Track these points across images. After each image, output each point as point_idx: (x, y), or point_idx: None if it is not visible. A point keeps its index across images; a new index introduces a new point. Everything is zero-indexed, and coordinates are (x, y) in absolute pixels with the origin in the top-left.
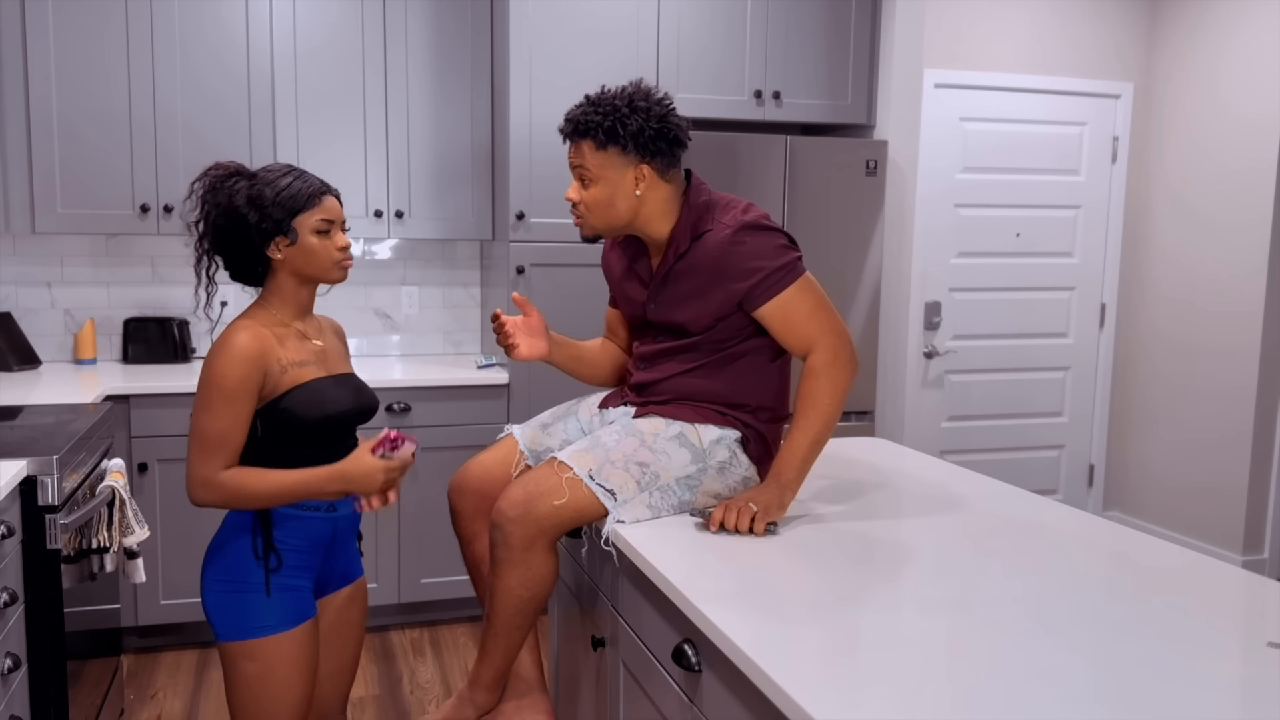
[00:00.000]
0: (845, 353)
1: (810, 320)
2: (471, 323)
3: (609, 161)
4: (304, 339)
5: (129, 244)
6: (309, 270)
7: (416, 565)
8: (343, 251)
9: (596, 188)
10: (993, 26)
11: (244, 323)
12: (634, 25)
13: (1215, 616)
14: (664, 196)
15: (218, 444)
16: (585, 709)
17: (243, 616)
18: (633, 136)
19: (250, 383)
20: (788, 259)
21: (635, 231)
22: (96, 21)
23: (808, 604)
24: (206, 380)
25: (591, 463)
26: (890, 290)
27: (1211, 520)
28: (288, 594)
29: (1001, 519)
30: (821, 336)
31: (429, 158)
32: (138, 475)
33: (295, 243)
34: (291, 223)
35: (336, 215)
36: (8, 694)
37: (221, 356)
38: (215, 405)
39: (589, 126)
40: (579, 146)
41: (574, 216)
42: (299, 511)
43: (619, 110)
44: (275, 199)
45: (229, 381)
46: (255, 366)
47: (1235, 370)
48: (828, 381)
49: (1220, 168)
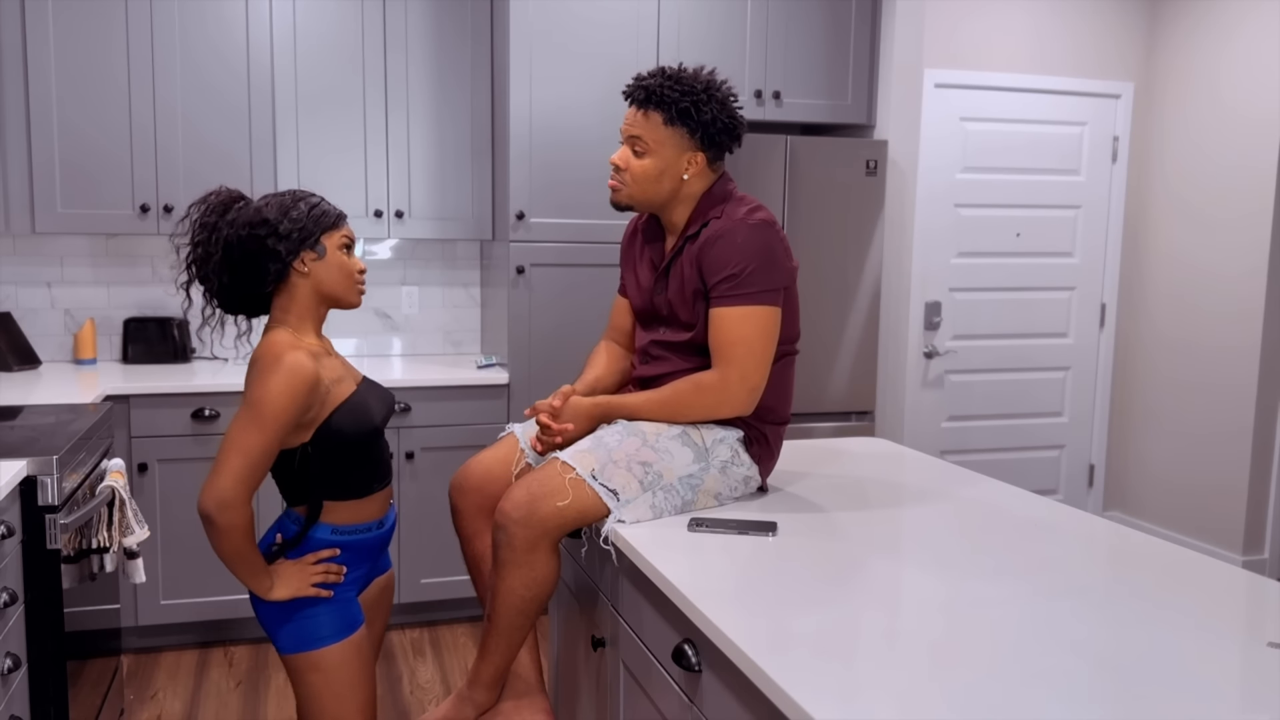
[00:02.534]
0: (734, 396)
1: (733, 347)
2: (471, 323)
3: (671, 139)
4: (329, 354)
5: (129, 244)
6: (330, 288)
7: (416, 565)
8: (361, 274)
9: (649, 160)
10: (993, 26)
11: (289, 339)
12: (634, 25)
13: (1215, 616)
14: (703, 186)
15: (257, 466)
16: (585, 709)
17: (308, 630)
18: (704, 124)
19: (300, 407)
20: (763, 281)
21: (662, 213)
22: (97, 21)
23: (807, 604)
24: (261, 398)
25: (594, 463)
26: (890, 290)
27: (1211, 520)
28: (344, 604)
29: (1001, 519)
30: (728, 366)
31: (429, 157)
32: (138, 475)
33: (323, 257)
34: (321, 237)
35: (354, 239)
36: (8, 694)
37: (279, 376)
38: (268, 425)
39: (664, 99)
40: (646, 115)
41: (613, 181)
42: (351, 537)
43: (697, 93)
44: (309, 213)
45: (284, 401)
46: (310, 390)
47: (1235, 370)
48: (698, 395)
49: (1220, 167)
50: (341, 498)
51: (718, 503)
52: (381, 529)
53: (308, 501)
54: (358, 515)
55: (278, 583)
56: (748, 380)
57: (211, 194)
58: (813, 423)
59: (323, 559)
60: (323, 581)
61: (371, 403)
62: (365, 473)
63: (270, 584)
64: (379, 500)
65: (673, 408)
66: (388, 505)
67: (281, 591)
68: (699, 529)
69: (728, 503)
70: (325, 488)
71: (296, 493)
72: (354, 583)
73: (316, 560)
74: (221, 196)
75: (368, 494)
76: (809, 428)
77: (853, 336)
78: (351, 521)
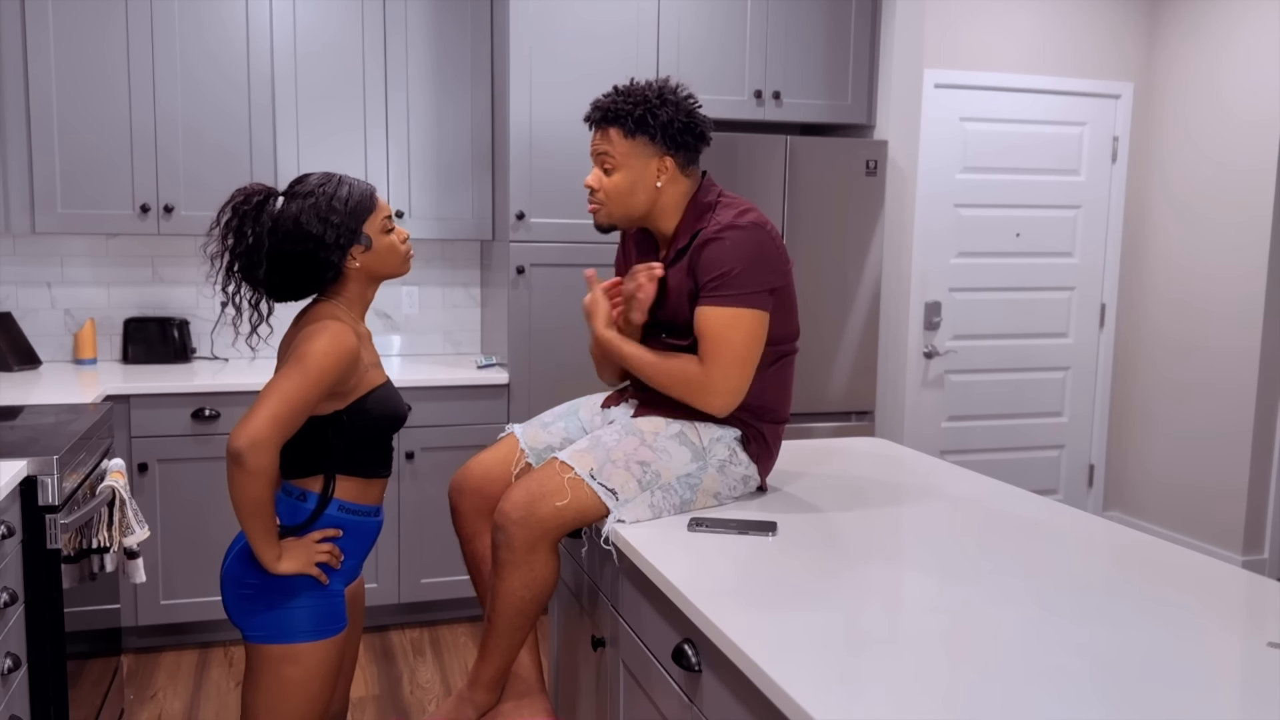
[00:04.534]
0: (711, 395)
1: (718, 346)
2: (471, 323)
3: (635, 150)
4: (370, 342)
5: (129, 244)
6: (384, 270)
7: (416, 565)
8: (406, 243)
9: (619, 175)
10: (993, 26)
11: (338, 320)
12: (634, 25)
13: (1215, 616)
14: (681, 191)
15: (295, 412)
16: (585, 709)
17: (288, 620)
18: (662, 127)
19: (341, 371)
20: (751, 282)
21: (649, 225)
22: (97, 22)
23: (808, 604)
24: (307, 353)
25: (593, 462)
26: (890, 290)
27: (1211, 520)
28: (331, 600)
29: (1001, 519)
30: (712, 366)
31: (429, 158)
32: (138, 475)
33: (370, 247)
34: (363, 229)
35: (390, 211)
36: (8, 694)
37: (325, 337)
38: (309, 375)
39: (619, 114)
40: (606, 133)
41: (591, 204)
42: (356, 517)
43: (649, 100)
44: (346, 209)
45: (329, 360)
46: (352, 359)
47: (1235, 370)
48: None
49: (1220, 168)
50: (353, 473)
51: (717, 502)
52: (378, 518)
53: (323, 471)
54: (363, 495)
55: (285, 555)
56: (728, 381)
57: (238, 192)
58: (812, 423)
59: (328, 537)
60: (325, 564)
61: (395, 397)
62: (377, 456)
63: (278, 554)
64: (380, 488)
65: (660, 374)
66: (383, 498)
67: (288, 565)
68: (699, 529)
69: (727, 502)
70: (342, 460)
71: (310, 462)
72: (345, 575)
73: (322, 538)
74: (249, 199)
75: (374, 476)
76: (809, 428)
77: (853, 336)
78: (357, 500)
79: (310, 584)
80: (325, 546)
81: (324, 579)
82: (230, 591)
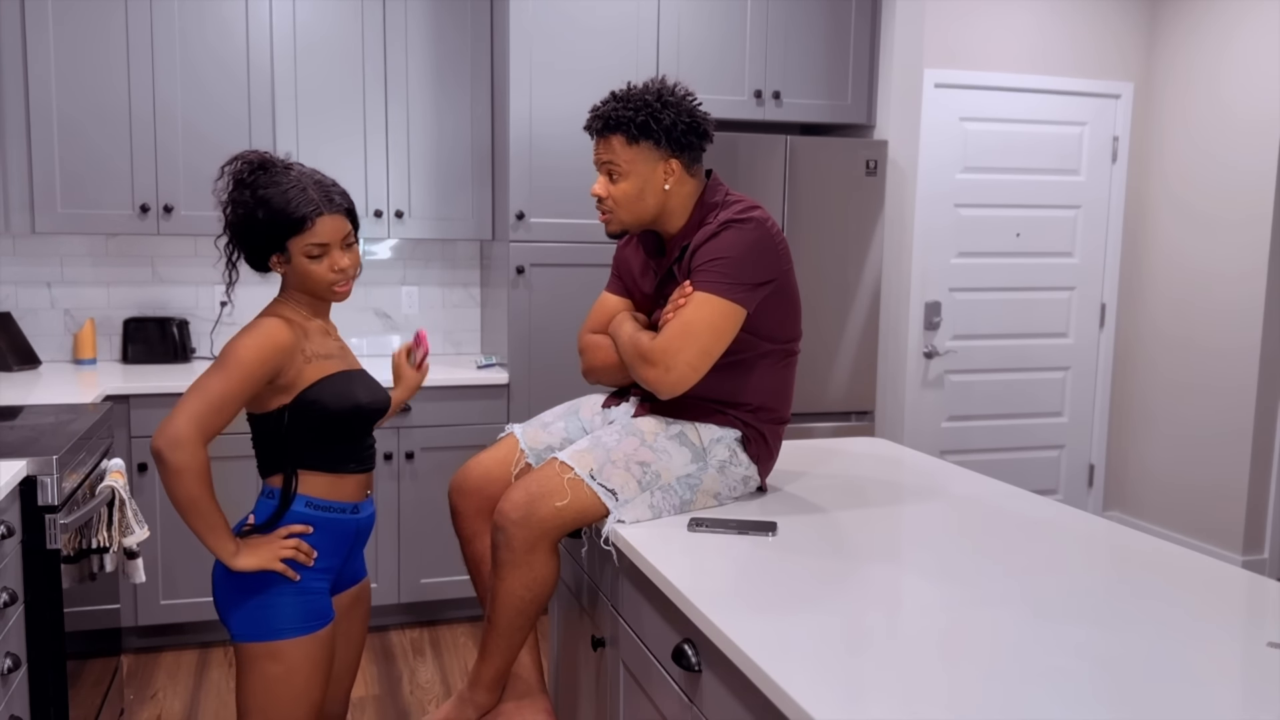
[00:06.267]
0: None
1: (675, 323)
2: (471, 323)
3: (640, 156)
4: (326, 334)
5: (129, 244)
6: (305, 289)
7: (416, 565)
8: (338, 274)
9: (626, 182)
10: (993, 26)
11: (276, 314)
12: (634, 25)
13: (1215, 616)
14: (688, 192)
15: (215, 409)
16: (585, 709)
17: (268, 617)
18: (665, 130)
19: (269, 366)
20: (736, 274)
21: (657, 226)
22: (96, 21)
23: (807, 604)
24: (230, 350)
25: (593, 463)
26: (890, 290)
27: (1211, 520)
28: (312, 595)
29: (1001, 519)
30: (661, 337)
31: (429, 158)
32: (138, 475)
33: (290, 263)
34: (285, 243)
35: (331, 237)
36: (8, 694)
37: (252, 334)
38: (230, 372)
39: (620, 121)
40: (609, 142)
41: (600, 212)
42: (326, 514)
43: (650, 105)
44: (265, 220)
45: (251, 354)
46: (281, 353)
47: (1235, 370)
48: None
49: (1220, 167)
50: (317, 468)
51: (717, 502)
52: (356, 515)
53: (284, 469)
54: (333, 492)
55: (244, 551)
56: (672, 357)
57: (237, 156)
58: (812, 423)
59: (294, 533)
60: (292, 559)
61: (357, 388)
62: (343, 450)
63: (235, 549)
64: (355, 483)
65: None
66: (365, 494)
67: (247, 560)
68: (699, 529)
69: (727, 502)
70: (302, 455)
71: (273, 459)
72: (324, 572)
73: (288, 534)
74: (241, 164)
75: (343, 471)
76: (809, 428)
77: (853, 336)
78: (326, 497)
79: (288, 580)
80: (291, 543)
81: (292, 575)
82: (217, 590)
